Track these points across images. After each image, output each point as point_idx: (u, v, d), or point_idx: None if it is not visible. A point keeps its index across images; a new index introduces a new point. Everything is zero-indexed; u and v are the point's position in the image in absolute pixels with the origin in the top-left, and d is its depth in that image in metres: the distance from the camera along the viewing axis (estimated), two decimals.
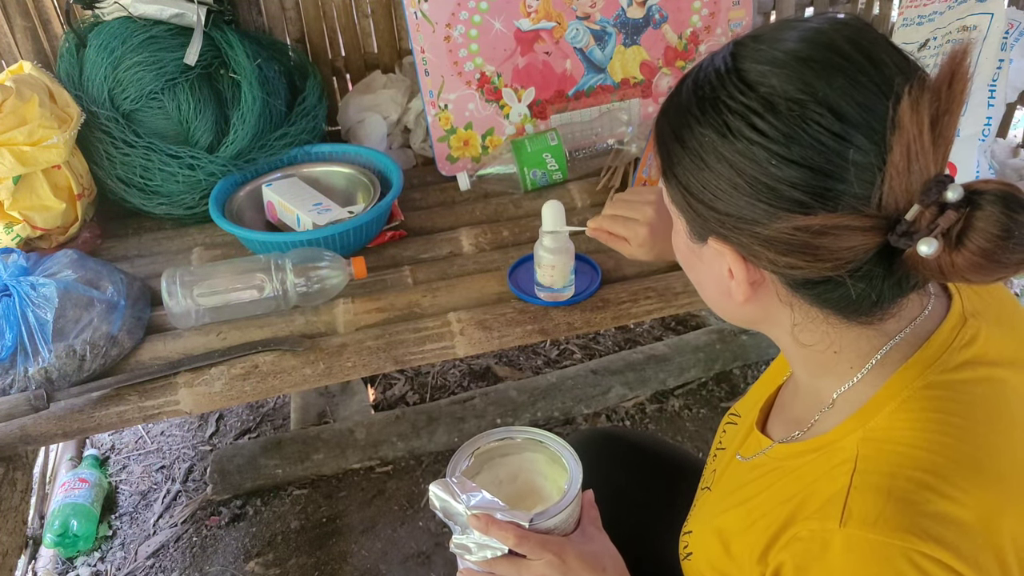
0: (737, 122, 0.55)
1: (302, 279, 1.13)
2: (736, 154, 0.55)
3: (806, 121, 0.53)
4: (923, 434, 0.57)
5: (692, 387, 2.00)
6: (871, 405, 0.61)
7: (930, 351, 0.61)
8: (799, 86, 0.54)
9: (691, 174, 0.59)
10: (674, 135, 0.60)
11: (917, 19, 1.43)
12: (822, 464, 0.61)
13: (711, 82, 0.58)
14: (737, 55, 0.57)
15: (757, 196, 0.55)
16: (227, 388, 1.05)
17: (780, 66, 0.55)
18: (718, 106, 0.56)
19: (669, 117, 0.62)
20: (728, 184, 0.56)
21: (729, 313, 0.67)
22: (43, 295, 1.05)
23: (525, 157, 1.41)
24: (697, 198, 0.59)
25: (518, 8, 1.45)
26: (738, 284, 0.61)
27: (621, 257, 1.24)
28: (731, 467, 0.76)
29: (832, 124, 0.53)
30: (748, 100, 0.55)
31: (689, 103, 0.59)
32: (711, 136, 0.57)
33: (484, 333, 1.11)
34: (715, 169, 0.57)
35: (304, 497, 1.75)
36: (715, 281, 0.64)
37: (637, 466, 1.07)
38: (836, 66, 0.54)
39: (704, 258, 0.64)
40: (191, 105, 1.36)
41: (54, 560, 1.63)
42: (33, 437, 1.01)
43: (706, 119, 0.57)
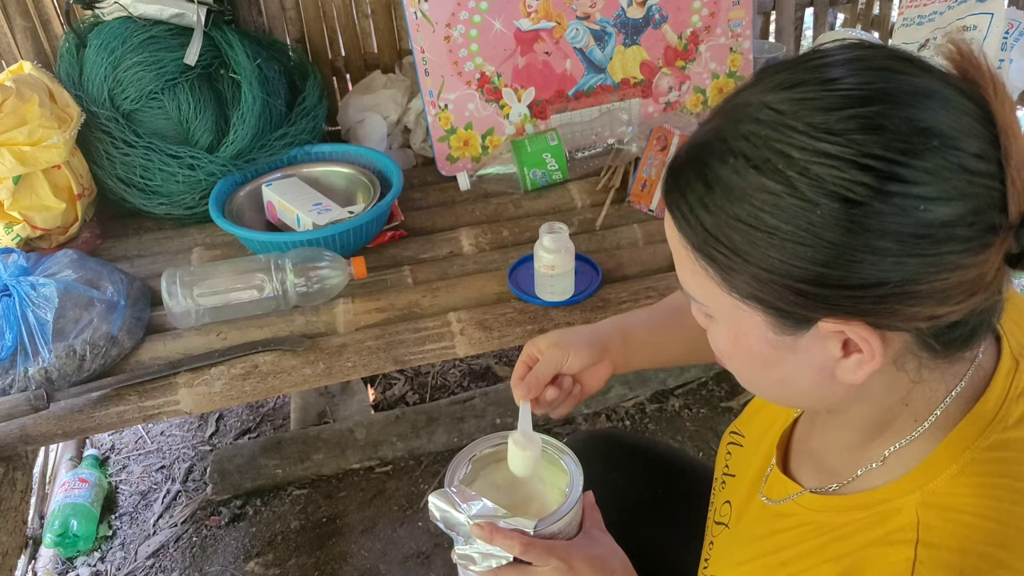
0: (854, 175, 0.47)
1: (302, 279, 1.13)
2: (873, 216, 0.47)
3: (940, 153, 0.47)
4: (991, 502, 0.53)
5: (692, 387, 2.00)
6: (929, 465, 0.56)
7: (989, 404, 0.57)
8: (918, 116, 0.47)
9: (791, 257, 0.49)
10: (744, 223, 0.50)
11: (917, 19, 1.44)
12: (874, 527, 0.56)
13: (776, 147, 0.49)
14: (788, 111, 0.49)
15: (908, 252, 0.47)
16: (227, 388, 1.05)
17: (861, 103, 0.48)
18: (811, 171, 0.47)
19: (721, 208, 0.51)
20: (865, 253, 0.48)
21: (820, 400, 0.59)
22: (43, 295, 1.05)
23: (525, 157, 1.41)
24: (807, 281, 0.50)
25: (518, 8, 1.45)
26: (864, 361, 0.52)
27: (621, 257, 1.25)
28: (753, 507, 0.72)
29: (941, 148, 0.47)
30: (854, 147, 0.47)
31: (751, 182, 0.50)
32: (822, 204, 0.47)
33: (484, 333, 1.11)
34: (833, 241, 0.48)
35: (304, 497, 1.75)
36: (816, 370, 0.55)
37: (636, 468, 1.06)
38: (915, 89, 0.49)
39: (800, 348, 0.54)
40: (191, 105, 1.36)
41: (54, 560, 1.63)
42: (33, 437, 1.01)
43: (801, 189, 0.48)
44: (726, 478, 0.81)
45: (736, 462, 0.81)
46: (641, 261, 1.24)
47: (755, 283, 0.52)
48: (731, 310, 0.55)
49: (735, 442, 0.83)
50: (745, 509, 0.74)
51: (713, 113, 0.55)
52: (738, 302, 0.54)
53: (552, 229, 1.09)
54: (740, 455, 0.80)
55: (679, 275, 0.59)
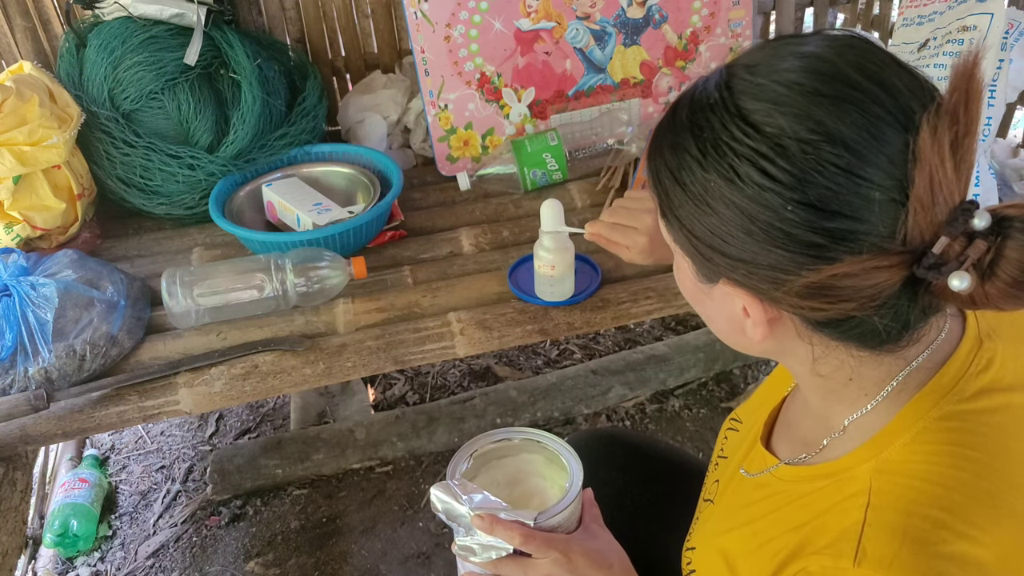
0: (745, 167, 0.52)
1: (302, 279, 1.13)
2: (747, 200, 0.52)
3: (820, 163, 0.50)
4: (938, 468, 0.55)
5: (692, 387, 2.00)
6: (885, 434, 0.59)
7: (946, 378, 0.59)
8: (809, 125, 0.50)
9: (696, 219, 0.56)
10: (673, 177, 0.57)
11: (917, 19, 1.43)
12: (832, 494, 0.59)
13: (710, 121, 0.54)
14: (735, 90, 0.54)
15: (773, 243, 0.52)
16: (227, 388, 1.05)
17: (785, 104, 0.51)
18: (721, 149, 0.53)
19: (664, 156, 0.58)
20: (740, 231, 0.53)
21: (743, 347, 0.65)
22: (43, 295, 1.05)
23: (525, 157, 1.41)
24: (705, 243, 0.56)
25: (518, 8, 1.45)
26: (755, 324, 0.58)
27: (621, 257, 1.25)
28: (735, 482, 0.75)
29: (848, 163, 0.50)
30: (755, 144, 0.51)
31: (687, 143, 0.56)
32: (717, 181, 0.53)
33: (484, 333, 1.11)
34: (723, 215, 0.54)
35: (304, 497, 1.75)
36: (727, 319, 0.62)
37: (636, 467, 1.06)
38: (846, 98, 0.51)
39: (714, 297, 0.61)
40: (191, 105, 1.36)
41: (54, 560, 1.63)
42: (33, 437, 1.01)
43: (709, 163, 0.54)
44: (720, 460, 0.83)
45: (731, 445, 0.82)
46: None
47: (677, 234, 0.59)
48: (676, 251, 0.62)
49: (733, 427, 0.84)
50: (728, 485, 0.76)
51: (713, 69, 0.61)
52: (676, 246, 0.61)
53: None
54: (735, 439, 0.82)
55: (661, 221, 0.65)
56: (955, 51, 1.30)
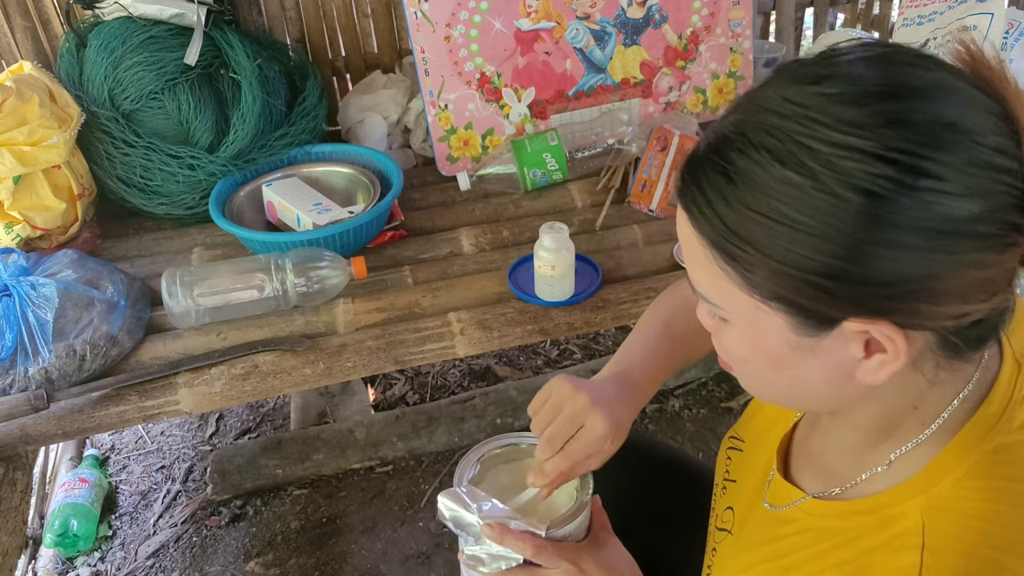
0: (883, 169, 0.46)
1: (302, 279, 1.13)
2: (898, 211, 0.46)
3: (964, 148, 0.46)
4: (995, 506, 0.53)
5: (692, 387, 2.00)
6: (933, 469, 0.56)
7: (993, 407, 0.56)
8: (943, 111, 0.47)
9: (818, 254, 0.48)
10: (769, 219, 0.49)
11: (917, 19, 1.44)
12: (878, 532, 0.56)
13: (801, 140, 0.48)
14: (814, 105, 0.48)
15: (932, 247, 0.47)
16: (227, 388, 1.05)
17: (886, 98, 0.47)
18: (837, 164, 0.47)
19: (743, 203, 0.50)
20: (890, 248, 0.47)
21: (830, 401, 0.58)
22: (43, 295, 1.05)
23: (525, 157, 1.41)
24: (835, 277, 0.49)
25: (518, 8, 1.45)
26: (887, 361, 0.51)
27: (621, 257, 1.25)
28: (756, 514, 0.72)
29: (981, 140, 0.47)
30: (883, 140, 0.46)
31: (776, 176, 0.48)
32: (850, 199, 0.46)
33: (484, 333, 1.11)
34: (862, 237, 0.47)
35: (304, 497, 1.75)
36: (832, 371, 0.54)
37: (638, 468, 1.06)
38: (944, 86, 0.49)
39: (822, 349, 0.53)
40: (191, 105, 1.36)
41: (54, 560, 1.63)
42: (33, 437, 1.01)
43: (828, 183, 0.47)
44: (727, 484, 0.81)
45: (736, 467, 0.80)
46: (641, 261, 1.24)
47: (779, 281, 0.50)
48: (750, 311, 0.53)
49: (735, 447, 0.82)
50: (748, 515, 0.74)
51: (730, 110, 0.54)
52: (759, 302, 0.52)
53: (552, 229, 1.09)
54: (740, 460, 0.80)
55: (692, 276, 0.58)
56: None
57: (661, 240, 1.29)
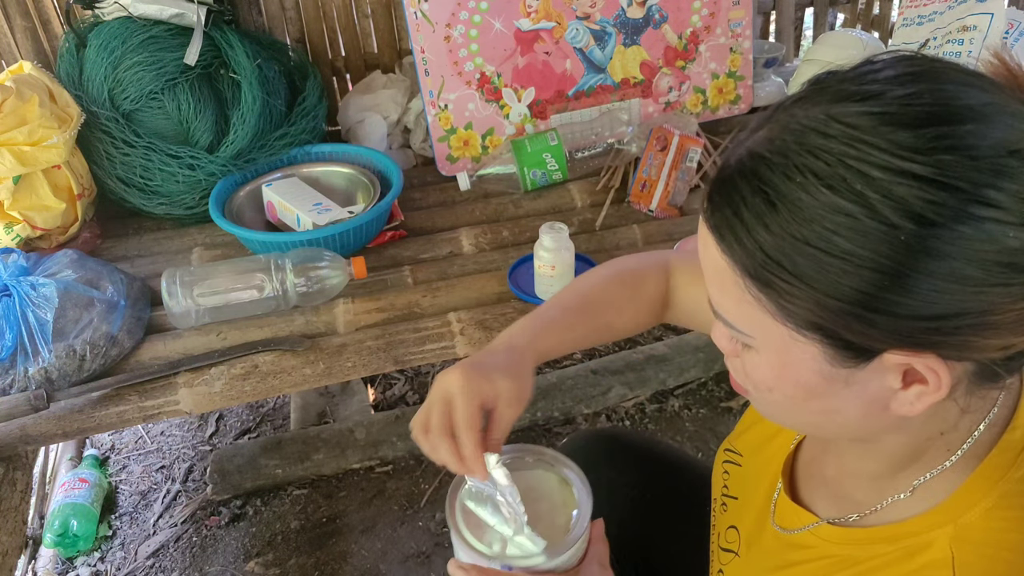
0: (940, 196, 0.43)
1: (302, 279, 1.13)
2: (958, 242, 0.44)
3: (1006, 173, 0.44)
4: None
5: (692, 387, 2.00)
6: (961, 497, 0.54)
7: (1018, 432, 0.55)
8: (1003, 136, 0.44)
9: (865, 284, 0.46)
10: (813, 247, 0.46)
11: (917, 19, 1.44)
12: (902, 562, 0.55)
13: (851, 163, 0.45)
14: (864, 126, 0.45)
15: (992, 280, 0.44)
16: (227, 388, 1.05)
17: (940, 121, 0.44)
18: (891, 191, 0.44)
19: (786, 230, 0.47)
20: (944, 280, 0.44)
21: (861, 431, 0.56)
22: (43, 295, 1.05)
23: (525, 157, 1.41)
24: (881, 311, 0.46)
25: (518, 8, 1.45)
26: (926, 393, 0.49)
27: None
28: (766, 537, 0.70)
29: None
30: (939, 167, 0.43)
31: (823, 202, 0.45)
32: (903, 227, 0.44)
33: (484, 333, 1.11)
34: (916, 268, 0.44)
35: (304, 497, 1.75)
36: (867, 402, 0.52)
37: (637, 467, 1.06)
38: (1001, 108, 0.46)
39: (855, 381, 0.51)
40: (191, 105, 1.36)
41: (54, 560, 1.63)
42: (33, 437, 1.01)
43: (879, 211, 0.44)
44: (727, 500, 0.79)
45: (736, 483, 0.79)
46: None
47: (820, 311, 0.48)
48: (782, 340, 0.51)
49: (732, 460, 0.80)
50: (756, 537, 0.72)
51: (760, 123, 0.50)
52: (793, 332, 0.50)
53: (552, 229, 1.09)
54: (739, 475, 0.78)
55: (716, 302, 0.55)
56: (955, 51, 1.30)
57: (660, 240, 1.29)
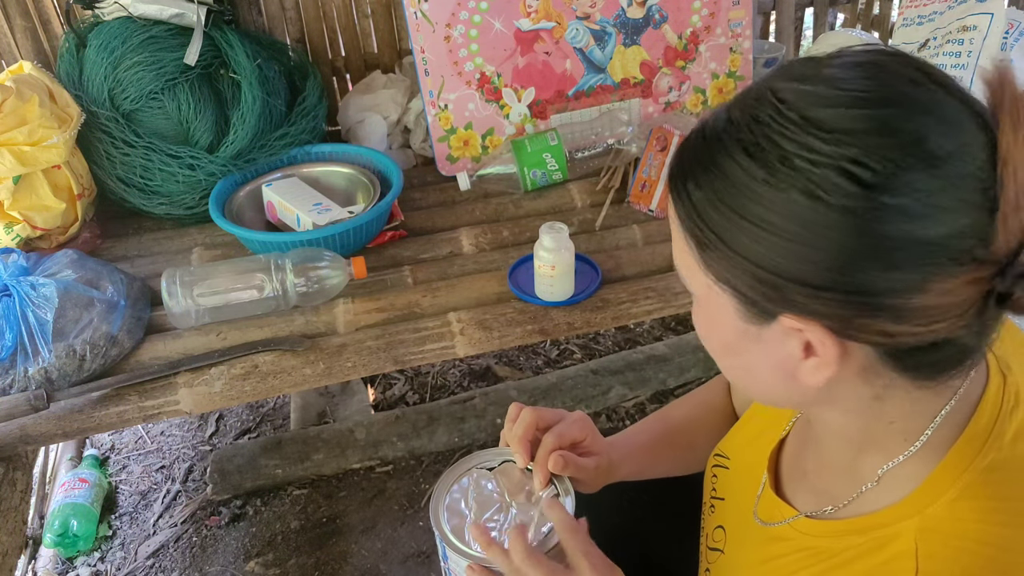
0: (833, 177, 0.46)
1: (302, 279, 1.13)
2: (836, 214, 0.46)
3: (909, 166, 0.45)
4: (991, 527, 0.52)
5: (692, 387, 2.00)
6: (927, 489, 0.55)
7: (982, 422, 0.55)
8: (888, 127, 0.46)
9: (760, 246, 0.49)
10: (725, 206, 0.50)
11: (917, 19, 1.44)
12: (871, 553, 0.55)
13: (772, 138, 0.48)
14: (792, 102, 0.48)
15: (866, 259, 0.46)
16: (227, 388, 1.05)
17: (856, 108, 0.47)
18: (796, 163, 0.47)
19: (706, 188, 0.51)
20: (820, 251, 0.47)
21: (784, 398, 0.59)
22: (43, 295, 1.05)
23: (525, 157, 1.41)
24: (770, 270, 0.49)
25: (518, 8, 1.45)
26: (820, 365, 0.52)
27: (621, 257, 1.25)
28: (748, 530, 0.71)
29: (937, 163, 0.45)
30: (842, 149, 0.46)
31: (741, 167, 0.49)
32: (796, 199, 0.47)
33: (484, 333, 1.11)
34: (802, 236, 0.47)
35: (304, 497, 1.75)
36: (776, 365, 0.54)
37: None
38: (918, 98, 0.47)
39: (764, 339, 0.54)
40: (191, 105, 1.36)
41: (54, 560, 1.63)
42: (33, 437, 1.01)
43: (782, 181, 0.47)
44: (715, 502, 0.80)
45: (723, 485, 0.79)
46: (640, 262, 1.24)
47: (727, 266, 0.52)
48: (706, 290, 0.55)
49: (720, 464, 0.81)
50: (739, 533, 0.73)
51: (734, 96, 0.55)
52: (712, 283, 0.54)
53: (552, 229, 1.09)
54: (726, 477, 0.79)
55: (674, 253, 0.59)
56: (955, 51, 1.30)
57: (660, 240, 1.29)
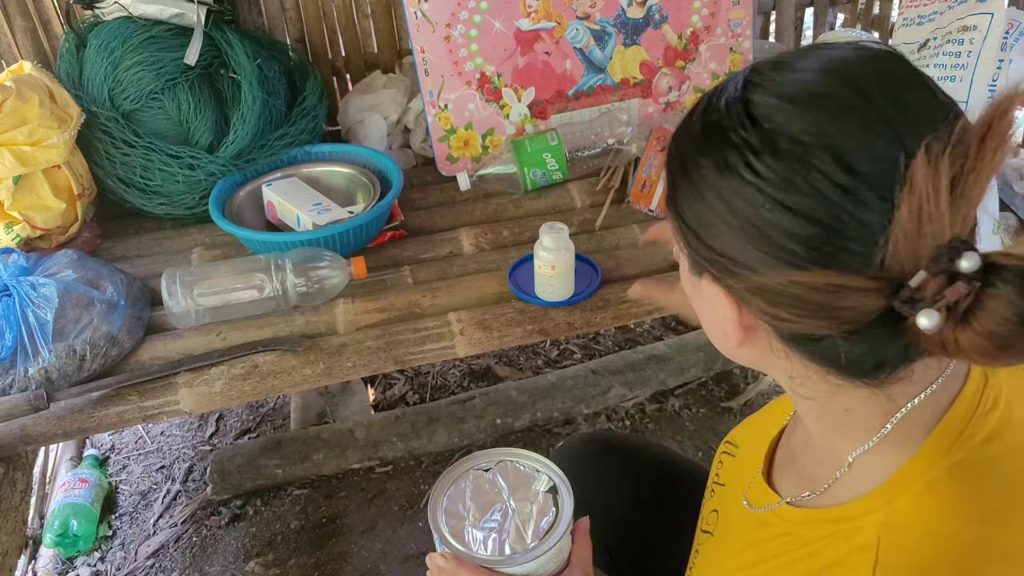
0: (735, 158, 0.51)
1: (302, 279, 1.13)
2: (732, 192, 0.51)
3: (807, 167, 0.48)
4: (951, 524, 0.52)
5: (692, 387, 2.00)
6: (894, 483, 0.56)
7: (955, 420, 0.56)
8: (805, 126, 0.49)
9: (689, 206, 0.55)
10: (680, 163, 0.56)
11: (917, 19, 1.44)
12: (839, 544, 0.57)
13: (719, 110, 0.53)
14: (750, 83, 0.53)
15: (748, 240, 0.51)
16: (227, 388, 1.05)
17: (789, 101, 0.50)
18: (720, 138, 0.52)
19: (678, 143, 0.58)
20: (722, 223, 0.52)
21: (727, 351, 0.62)
22: (43, 295, 1.05)
23: (525, 157, 1.41)
24: (694, 232, 0.55)
25: (518, 8, 1.45)
26: (732, 327, 0.57)
27: (621, 257, 1.25)
28: (736, 515, 0.72)
29: (835, 173, 0.47)
30: (749, 136, 0.50)
31: (696, 130, 0.55)
32: (710, 169, 0.52)
33: (484, 333, 1.11)
34: (711, 205, 0.53)
35: (304, 497, 1.75)
36: (713, 318, 0.59)
37: (632, 470, 1.06)
38: (852, 107, 0.49)
39: (703, 293, 0.59)
40: (191, 105, 1.36)
41: (54, 560, 1.63)
42: (33, 437, 1.01)
43: (708, 150, 0.53)
44: (716, 487, 0.81)
45: (727, 471, 0.80)
46: (640, 262, 1.24)
47: (675, 219, 0.58)
48: (677, 239, 0.60)
49: (728, 451, 0.82)
50: (730, 517, 0.74)
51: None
52: (675, 232, 0.59)
53: (552, 229, 1.09)
54: (731, 464, 0.80)
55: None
56: (955, 51, 1.30)
57: (661, 240, 1.29)
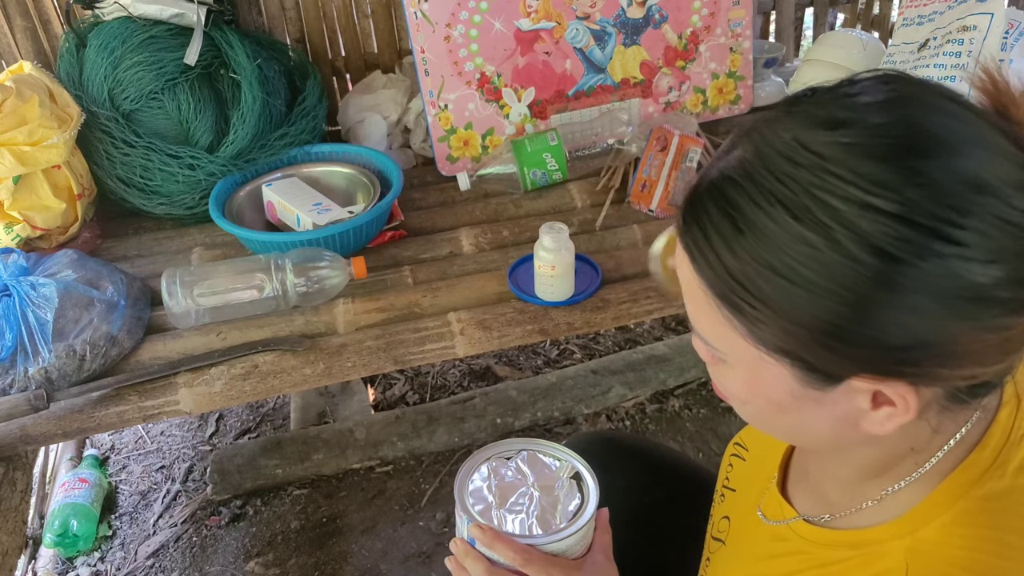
0: (921, 238, 0.44)
1: (302, 279, 1.13)
2: (918, 276, 0.44)
3: (990, 210, 0.44)
4: (979, 555, 0.51)
5: (692, 387, 2.00)
6: (922, 510, 0.55)
7: (987, 450, 0.55)
8: (969, 169, 0.44)
9: (827, 313, 0.46)
10: (775, 273, 0.47)
11: (917, 19, 1.44)
12: (862, 568, 0.56)
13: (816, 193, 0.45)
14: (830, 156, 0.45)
15: (955, 315, 0.45)
16: (227, 388, 1.05)
17: (920, 153, 0.45)
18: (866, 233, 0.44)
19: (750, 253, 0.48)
20: (905, 313, 0.45)
21: (831, 443, 0.57)
22: (43, 295, 1.05)
23: (525, 157, 1.41)
24: (842, 338, 0.47)
25: (518, 8, 1.45)
26: (895, 414, 0.50)
27: (621, 257, 1.25)
28: (749, 524, 0.71)
29: (1008, 200, 0.44)
30: (930, 205, 0.44)
31: (787, 229, 0.46)
32: (872, 265, 0.44)
33: (484, 333, 1.11)
34: (884, 302, 0.45)
35: (304, 497, 1.75)
36: (836, 421, 0.53)
37: (636, 470, 1.06)
38: (970, 137, 0.46)
39: (825, 401, 0.52)
40: (191, 105, 1.36)
41: (54, 560, 1.63)
42: (33, 437, 1.01)
43: (853, 248, 0.44)
44: (726, 491, 0.80)
45: (737, 476, 0.79)
46: (641, 262, 1.24)
47: (786, 338, 0.49)
48: (752, 360, 0.52)
49: (738, 454, 0.81)
50: (743, 526, 0.73)
51: (735, 141, 0.51)
52: (763, 354, 0.51)
53: (552, 229, 1.09)
54: (741, 469, 0.79)
55: (691, 315, 0.55)
56: (955, 51, 1.30)
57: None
